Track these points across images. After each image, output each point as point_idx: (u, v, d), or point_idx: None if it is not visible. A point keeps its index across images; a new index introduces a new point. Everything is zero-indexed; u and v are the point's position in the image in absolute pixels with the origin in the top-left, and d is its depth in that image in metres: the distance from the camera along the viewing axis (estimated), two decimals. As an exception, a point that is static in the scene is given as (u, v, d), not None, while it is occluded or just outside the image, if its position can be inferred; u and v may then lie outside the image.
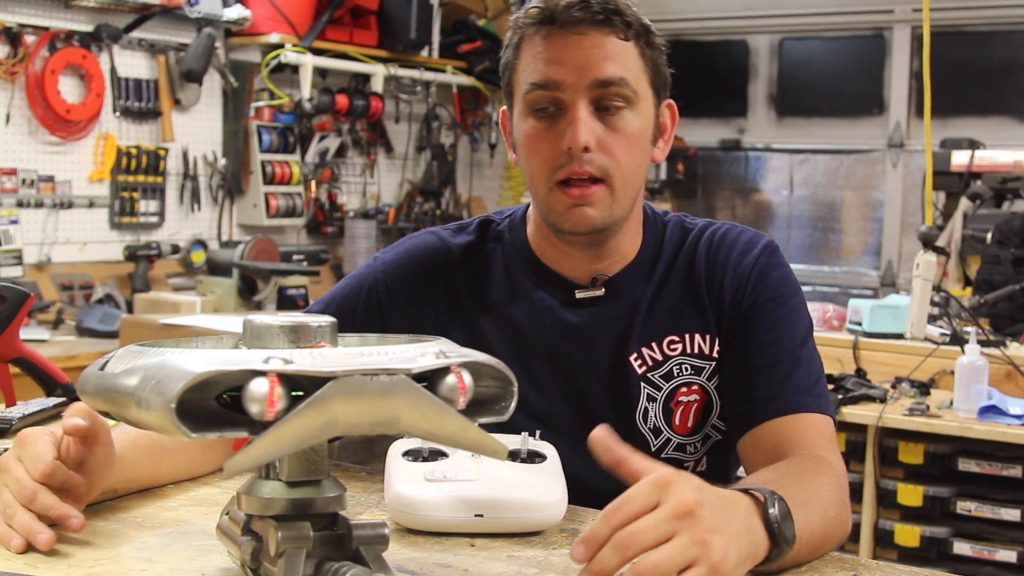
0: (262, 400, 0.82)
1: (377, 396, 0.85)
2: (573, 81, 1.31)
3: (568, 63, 1.31)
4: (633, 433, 1.39)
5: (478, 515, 1.15)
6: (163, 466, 1.29)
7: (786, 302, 1.39)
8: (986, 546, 2.92)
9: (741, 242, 1.42)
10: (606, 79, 1.31)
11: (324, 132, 5.02)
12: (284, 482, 0.91)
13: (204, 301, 4.02)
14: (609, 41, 1.32)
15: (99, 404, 0.94)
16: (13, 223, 3.89)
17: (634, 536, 0.90)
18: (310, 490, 0.91)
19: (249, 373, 0.83)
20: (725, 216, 5.87)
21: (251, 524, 0.94)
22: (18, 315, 1.63)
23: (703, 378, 1.40)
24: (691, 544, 0.91)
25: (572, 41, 1.31)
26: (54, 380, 1.71)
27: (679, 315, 1.41)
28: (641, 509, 0.91)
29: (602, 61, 1.31)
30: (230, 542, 0.99)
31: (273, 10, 4.56)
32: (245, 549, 0.93)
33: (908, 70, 5.40)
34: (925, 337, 3.32)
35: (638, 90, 1.33)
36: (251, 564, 0.93)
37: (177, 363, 0.84)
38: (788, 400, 1.33)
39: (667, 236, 1.45)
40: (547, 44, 1.33)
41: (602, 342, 1.41)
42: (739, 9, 5.78)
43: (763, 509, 1.01)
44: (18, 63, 3.87)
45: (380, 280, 1.45)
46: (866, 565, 1.14)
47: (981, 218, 3.85)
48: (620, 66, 1.32)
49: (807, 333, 1.39)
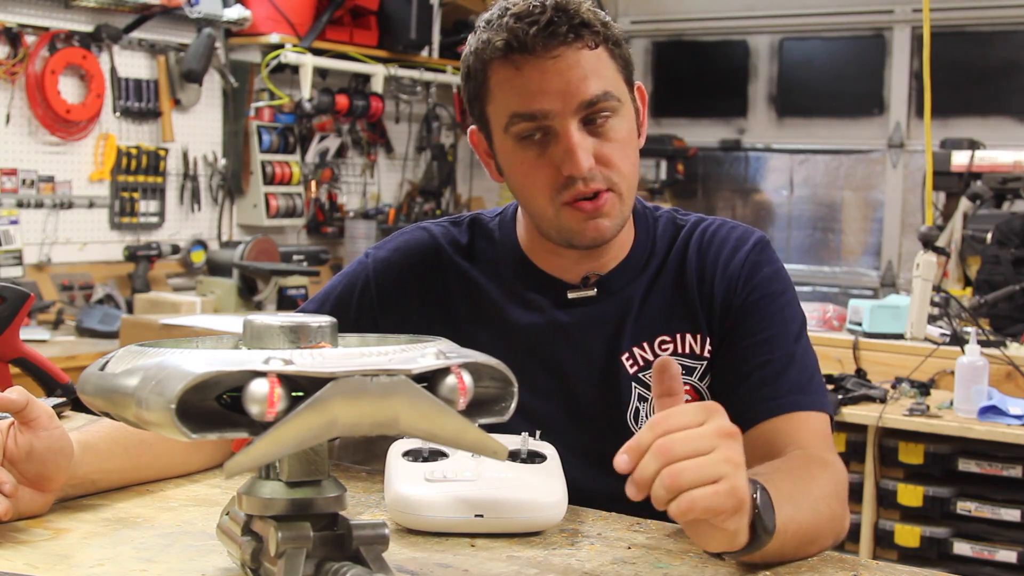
0: (262, 401, 0.82)
1: (377, 397, 0.85)
2: (559, 108, 1.28)
3: (550, 91, 1.28)
4: (624, 433, 1.38)
5: (478, 515, 1.15)
6: (143, 459, 1.29)
7: (777, 299, 1.38)
8: (986, 546, 2.92)
9: (732, 239, 1.41)
10: (591, 99, 1.29)
11: (324, 132, 5.02)
12: (284, 482, 0.91)
13: (204, 301, 4.02)
14: (583, 57, 1.28)
15: (99, 404, 0.94)
16: (13, 223, 3.89)
17: (675, 443, 0.94)
18: (310, 490, 0.91)
19: (249, 374, 0.83)
20: (725, 216, 5.86)
21: (251, 524, 0.94)
22: (18, 315, 1.63)
23: (695, 378, 1.39)
24: (725, 462, 0.95)
25: (547, 67, 1.27)
26: (54, 380, 1.71)
27: (670, 315, 1.40)
28: (687, 424, 0.95)
29: (583, 81, 1.28)
30: (230, 542, 0.99)
31: (273, 10, 4.56)
32: (245, 549, 0.93)
33: (908, 70, 5.40)
34: (925, 337, 3.32)
35: (620, 96, 1.32)
36: (251, 564, 0.93)
37: (177, 363, 0.84)
38: (783, 400, 1.32)
39: (659, 232, 1.44)
40: (521, 74, 1.28)
41: (594, 342, 1.40)
42: (739, 9, 5.78)
43: None
44: (18, 63, 3.87)
45: (372, 278, 1.45)
46: (866, 565, 1.14)
47: (981, 218, 3.85)
48: (600, 80, 1.29)
49: (800, 329, 1.38)
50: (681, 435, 0.94)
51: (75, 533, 1.13)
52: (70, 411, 1.69)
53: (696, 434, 0.95)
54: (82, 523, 1.17)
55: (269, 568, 0.91)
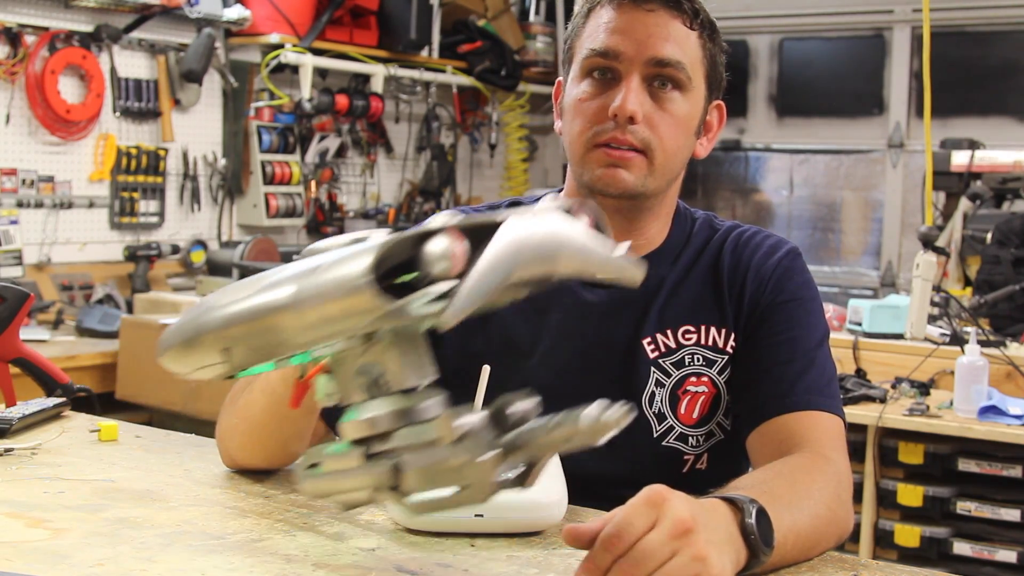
0: (446, 255, 0.80)
1: (543, 233, 0.84)
2: (632, 54, 1.34)
3: (631, 35, 1.35)
4: (637, 416, 1.39)
5: (478, 515, 1.15)
6: None
7: (804, 304, 1.41)
8: (986, 546, 2.92)
9: (766, 245, 1.45)
10: (664, 58, 1.34)
11: (324, 132, 5.02)
12: (396, 393, 0.87)
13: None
14: (674, 24, 1.36)
15: (214, 349, 0.88)
16: (13, 223, 3.89)
17: (637, 564, 0.91)
18: (428, 391, 0.88)
19: (425, 234, 0.81)
20: (725, 217, 5.86)
21: (374, 447, 0.88)
22: (18, 315, 1.63)
23: (714, 371, 1.41)
24: (692, 561, 0.93)
25: (639, 16, 1.35)
26: (54, 380, 1.71)
27: (698, 307, 1.42)
28: (640, 533, 0.92)
29: (663, 41, 1.34)
30: (345, 482, 0.90)
31: (273, 10, 4.56)
32: (382, 471, 0.87)
33: (908, 70, 5.40)
34: (925, 337, 3.32)
35: (692, 77, 1.37)
36: (391, 483, 0.87)
37: (342, 256, 0.82)
38: (798, 397, 1.34)
39: (695, 231, 1.48)
40: (615, 15, 1.36)
41: (618, 322, 1.42)
42: (739, 9, 5.78)
43: (740, 518, 1.02)
44: (18, 63, 3.87)
45: None
46: (866, 565, 1.14)
47: (981, 218, 3.85)
48: (680, 49, 1.35)
49: (823, 337, 1.41)
50: (640, 551, 0.91)
51: (75, 533, 1.13)
52: (70, 411, 1.69)
53: (656, 543, 0.92)
54: (82, 523, 1.16)
55: (419, 474, 0.86)
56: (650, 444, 1.40)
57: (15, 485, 1.30)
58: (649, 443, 1.40)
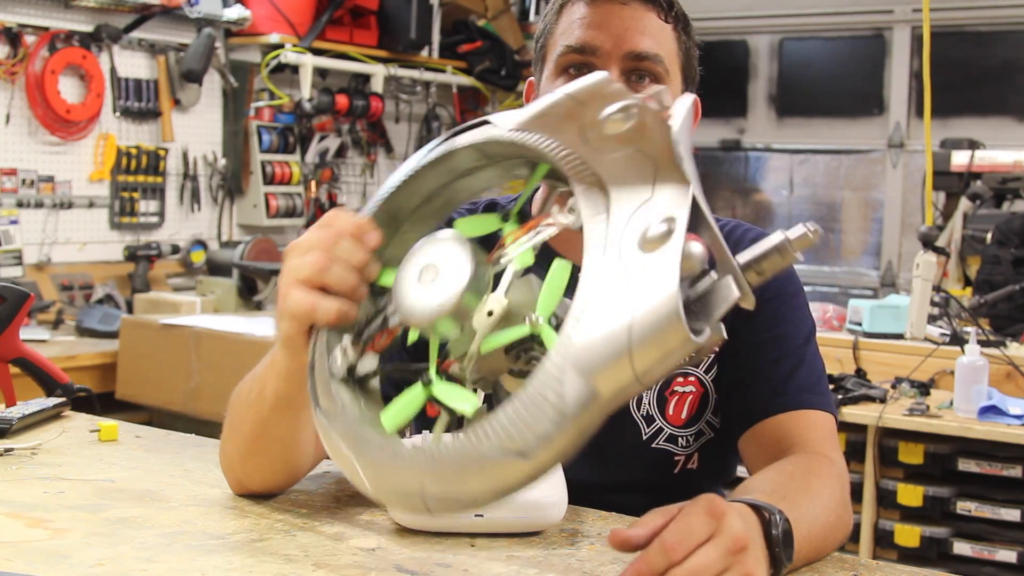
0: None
1: None
2: (609, 48, 1.33)
3: (607, 30, 1.33)
4: (625, 420, 1.38)
5: (478, 515, 1.15)
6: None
7: (790, 300, 1.39)
8: (986, 546, 2.92)
9: (747, 239, 1.42)
10: (642, 52, 1.33)
11: (324, 132, 5.02)
12: None
13: (204, 301, 4.02)
14: (649, 17, 1.34)
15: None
16: (13, 223, 3.89)
17: (693, 574, 0.91)
18: None
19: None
20: (725, 217, 5.86)
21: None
22: (18, 315, 1.63)
23: (701, 370, 1.40)
24: None
25: (614, 10, 1.34)
26: (54, 380, 1.71)
27: None
28: (698, 543, 0.92)
29: (640, 34, 1.33)
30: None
31: (273, 10, 4.56)
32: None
33: (908, 70, 5.40)
34: (925, 337, 3.32)
35: (669, 70, 1.36)
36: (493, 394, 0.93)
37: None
38: (791, 397, 1.32)
39: None
40: (588, 10, 1.35)
41: None
42: (739, 9, 5.78)
43: (766, 528, 1.01)
44: (18, 63, 3.87)
45: None
46: (866, 565, 1.14)
47: (981, 218, 3.85)
48: (656, 43, 1.34)
49: (810, 332, 1.39)
50: (696, 563, 0.91)
51: (75, 533, 1.13)
52: (70, 411, 1.69)
53: (711, 559, 0.92)
54: (82, 523, 1.16)
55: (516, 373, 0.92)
56: (640, 447, 1.39)
57: (15, 485, 1.30)
58: (639, 446, 1.39)
